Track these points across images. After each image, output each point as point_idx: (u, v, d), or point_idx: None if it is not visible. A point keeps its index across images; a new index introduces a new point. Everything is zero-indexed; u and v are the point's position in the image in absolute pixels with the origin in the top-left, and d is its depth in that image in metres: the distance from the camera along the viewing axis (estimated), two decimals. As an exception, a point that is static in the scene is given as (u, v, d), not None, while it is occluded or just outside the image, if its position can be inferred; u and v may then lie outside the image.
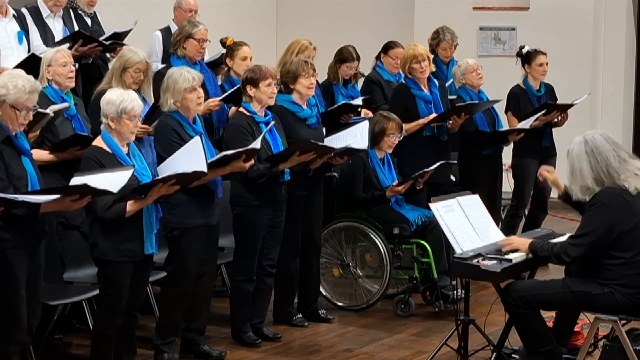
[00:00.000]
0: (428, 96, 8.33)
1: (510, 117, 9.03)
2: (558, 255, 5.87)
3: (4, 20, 7.69)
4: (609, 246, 5.78)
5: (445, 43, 9.48)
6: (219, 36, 8.47)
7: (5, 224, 5.29)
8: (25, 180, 5.38)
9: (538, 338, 6.01)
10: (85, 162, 5.80)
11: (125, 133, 5.84)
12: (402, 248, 7.85)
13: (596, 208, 5.82)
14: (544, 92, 9.19)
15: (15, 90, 5.36)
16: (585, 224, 5.86)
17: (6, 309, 5.37)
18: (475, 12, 12.63)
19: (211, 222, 6.49)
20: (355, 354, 6.93)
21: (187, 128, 6.40)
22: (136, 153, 5.97)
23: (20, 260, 5.39)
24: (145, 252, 5.90)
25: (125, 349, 6.17)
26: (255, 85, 6.80)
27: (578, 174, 5.87)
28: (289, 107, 7.23)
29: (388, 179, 7.89)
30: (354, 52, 8.67)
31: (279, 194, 6.93)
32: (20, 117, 5.39)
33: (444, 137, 8.39)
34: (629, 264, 5.78)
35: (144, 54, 7.19)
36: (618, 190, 5.81)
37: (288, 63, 7.36)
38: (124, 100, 5.82)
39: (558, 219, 10.86)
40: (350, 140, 7.23)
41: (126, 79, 7.01)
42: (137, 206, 5.77)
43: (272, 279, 7.14)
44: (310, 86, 7.25)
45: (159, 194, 5.82)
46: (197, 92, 6.42)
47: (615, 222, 5.76)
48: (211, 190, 6.47)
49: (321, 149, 6.96)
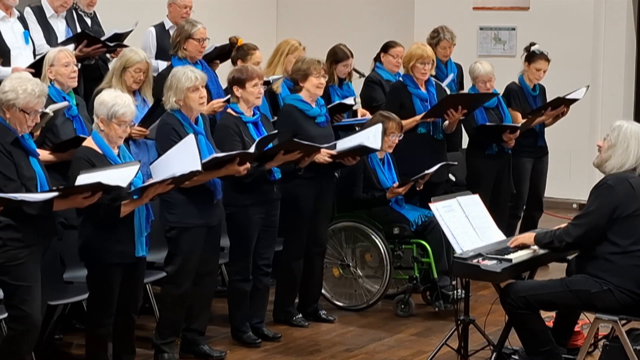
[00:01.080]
0: (424, 94, 8.34)
1: (513, 112, 9.02)
2: (560, 237, 5.95)
3: (10, 20, 7.70)
4: (608, 229, 5.82)
5: (445, 42, 9.48)
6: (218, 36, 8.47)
7: (17, 224, 5.32)
8: (35, 181, 5.42)
9: (537, 338, 6.01)
10: (76, 162, 5.78)
11: (112, 137, 5.83)
12: (402, 248, 7.86)
13: (602, 189, 5.91)
14: (538, 93, 9.22)
15: (25, 94, 5.38)
16: (589, 205, 5.93)
17: (22, 309, 5.39)
18: (475, 12, 12.63)
19: (211, 223, 6.49)
20: (355, 354, 6.94)
21: (188, 128, 6.40)
22: (126, 155, 5.98)
23: (34, 260, 5.42)
24: (136, 254, 5.90)
25: (124, 350, 6.18)
26: (242, 86, 6.80)
27: (621, 150, 5.90)
28: (298, 105, 7.26)
29: (388, 179, 7.89)
30: (347, 50, 8.65)
31: (270, 193, 6.93)
32: (29, 120, 5.42)
33: (439, 136, 8.39)
34: (627, 253, 5.81)
35: (145, 54, 7.19)
36: (628, 176, 5.87)
37: (300, 62, 7.38)
38: (116, 104, 5.80)
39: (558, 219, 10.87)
40: (364, 141, 7.27)
41: (127, 78, 7.03)
42: (132, 206, 5.77)
43: (268, 278, 7.15)
44: (320, 86, 7.29)
45: (155, 193, 5.83)
46: (199, 91, 6.42)
47: (618, 204, 5.82)
48: (210, 191, 6.46)
49: (307, 148, 6.95)
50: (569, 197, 11.81)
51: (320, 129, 7.32)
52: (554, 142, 9.46)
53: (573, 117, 9.37)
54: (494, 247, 6.22)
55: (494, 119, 8.75)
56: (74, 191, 5.37)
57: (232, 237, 6.96)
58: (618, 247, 5.82)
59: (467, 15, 12.53)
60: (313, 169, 7.17)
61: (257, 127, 6.87)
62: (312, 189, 7.30)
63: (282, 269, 7.46)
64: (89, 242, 5.86)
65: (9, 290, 5.42)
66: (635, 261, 5.82)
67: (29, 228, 5.36)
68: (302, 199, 7.26)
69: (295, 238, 7.34)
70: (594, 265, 5.87)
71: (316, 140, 7.15)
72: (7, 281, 5.39)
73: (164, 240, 6.49)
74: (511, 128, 8.68)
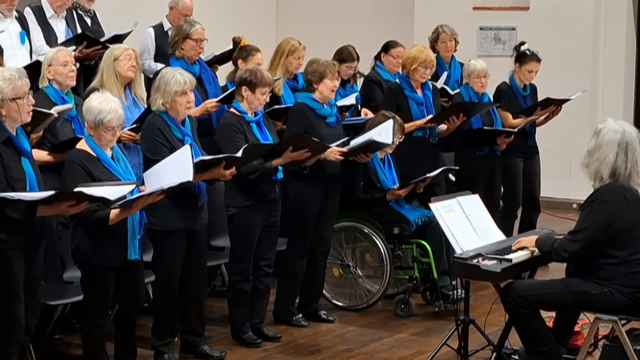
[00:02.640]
0: (420, 98, 8.32)
1: (503, 112, 8.99)
2: (557, 251, 5.91)
3: (6, 20, 7.70)
4: (606, 243, 5.79)
5: (445, 35, 9.44)
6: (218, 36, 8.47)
7: (3, 226, 5.28)
8: (24, 183, 5.36)
9: (537, 338, 6.01)
10: (70, 166, 5.76)
11: (102, 141, 5.82)
12: (402, 248, 7.86)
13: (595, 204, 5.84)
14: (529, 92, 9.20)
15: (7, 82, 5.31)
16: (584, 220, 5.87)
17: (5, 309, 5.37)
18: (475, 12, 12.63)
19: (193, 227, 6.42)
20: (355, 354, 6.93)
21: (174, 129, 6.35)
22: (120, 157, 5.95)
23: (18, 261, 5.38)
24: (129, 257, 5.87)
25: (125, 351, 6.18)
26: (252, 90, 6.78)
27: (599, 158, 5.83)
28: (310, 104, 7.28)
29: (389, 179, 7.89)
30: (354, 52, 8.67)
31: (272, 193, 6.92)
32: (23, 105, 5.36)
33: (434, 139, 8.38)
34: (624, 263, 5.79)
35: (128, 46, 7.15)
36: (620, 188, 5.81)
37: (316, 63, 7.35)
38: (102, 111, 5.78)
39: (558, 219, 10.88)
40: (376, 138, 7.29)
41: (121, 70, 6.95)
42: (121, 216, 5.71)
43: (269, 279, 7.14)
44: (333, 88, 7.32)
45: (145, 204, 5.78)
46: (187, 96, 6.35)
47: (613, 220, 5.77)
48: (194, 194, 6.39)
49: (315, 146, 6.94)
50: (568, 197, 11.81)
51: (331, 129, 7.33)
52: (554, 142, 9.47)
53: (573, 117, 9.38)
54: (494, 247, 6.22)
55: (486, 120, 8.75)
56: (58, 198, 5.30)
57: (233, 238, 6.95)
58: (616, 258, 5.80)
59: (467, 15, 12.53)
60: (321, 170, 7.17)
61: (260, 127, 6.86)
62: (320, 190, 7.30)
63: (284, 269, 7.45)
64: (81, 245, 5.84)
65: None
66: (633, 269, 5.79)
67: (15, 231, 5.32)
68: (308, 199, 7.26)
69: (300, 238, 7.34)
70: (592, 273, 5.85)
71: (326, 140, 7.15)
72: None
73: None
74: (507, 132, 8.68)
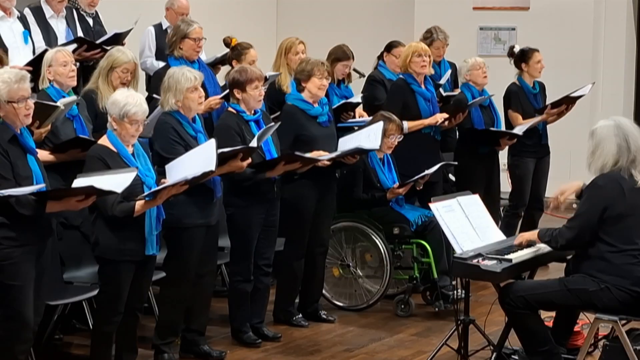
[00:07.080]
0: (427, 93, 8.33)
1: (513, 114, 9.01)
2: (555, 238, 5.99)
3: (9, 20, 7.71)
4: (600, 228, 5.82)
5: (439, 42, 9.44)
6: (219, 36, 8.46)
7: (11, 224, 5.30)
8: (31, 180, 5.38)
9: (536, 338, 6.01)
10: (90, 160, 5.81)
11: (125, 136, 5.85)
12: (402, 248, 7.86)
13: (591, 190, 5.93)
14: (538, 90, 9.22)
15: (4, 84, 5.32)
16: (580, 207, 5.96)
17: (14, 308, 5.37)
18: (475, 12, 12.64)
19: (210, 222, 6.48)
20: (355, 354, 6.93)
21: (187, 127, 6.40)
22: (141, 153, 5.98)
23: (28, 259, 5.40)
24: (147, 252, 5.91)
25: (126, 348, 6.17)
26: (242, 89, 6.79)
27: (602, 153, 5.90)
28: (300, 105, 7.27)
29: (388, 179, 7.90)
30: (349, 51, 8.66)
31: (270, 192, 6.92)
32: (20, 109, 5.36)
33: (438, 136, 8.41)
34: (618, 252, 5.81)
35: (133, 55, 7.14)
36: (617, 177, 5.86)
37: (305, 62, 7.38)
38: (128, 103, 5.83)
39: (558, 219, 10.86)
40: (363, 140, 7.29)
41: (113, 79, 6.96)
42: (147, 207, 5.78)
43: (269, 278, 7.15)
44: (322, 87, 7.30)
45: (169, 195, 5.83)
46: (198, 91, 6.43)
47: (606, 205, 5.82)
48: (210, 190, 6.45)
49: (306, 160, 6.95)
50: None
51: (323, 129, 7.32)
52: (554, 142, 9.45)
53: (573, 117, 9.37)
54: (494, 247, 6.22)
55: (487, 119, 8.76)
56: (67, 194, 5.34)
57: (233, 238, 6.95)
58: (613, 247, 5.82)
59: (467, 15, 12.54)
60: (315, 169, 7.17)
61: (259, 125, 6.87)
62: (315, 189, 7.30)
63: (283, 269, 7.46)
64: (100, 240, 5.87)
65: (1, 289, 5.38)
66: (630, 260, 5.82)
67: (24, 228, 5.34)
68: (304, 198, 7.26)
69: (297, 238, 7.35)
70: (589, 264, 5.88)
71: (319, 140, 7.17)
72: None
73: (164, 240, 6.48)
74: (511, 135, 8.69)
